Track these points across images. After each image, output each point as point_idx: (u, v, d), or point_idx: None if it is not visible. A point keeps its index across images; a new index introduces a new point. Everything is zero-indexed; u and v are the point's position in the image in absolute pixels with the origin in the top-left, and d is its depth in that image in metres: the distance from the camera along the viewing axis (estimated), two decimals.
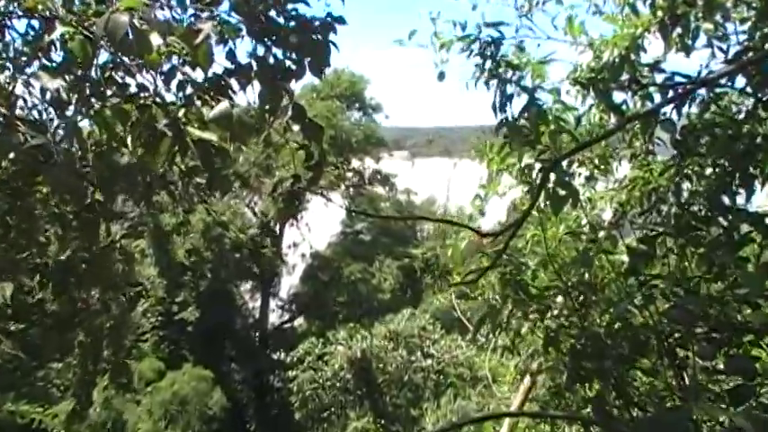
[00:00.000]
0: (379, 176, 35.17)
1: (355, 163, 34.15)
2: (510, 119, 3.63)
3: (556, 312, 4.10)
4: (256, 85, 2.52)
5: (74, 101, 2.39)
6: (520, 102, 3.76)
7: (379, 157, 34.97)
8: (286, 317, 32.13)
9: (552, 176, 3.38)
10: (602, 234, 4.09)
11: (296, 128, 2.70)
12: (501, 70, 3.79)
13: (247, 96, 2.57)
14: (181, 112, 2.40)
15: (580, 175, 4.64)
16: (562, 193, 3.37)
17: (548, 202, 3.77)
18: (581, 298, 3.96)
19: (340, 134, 29.72)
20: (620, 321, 3.53)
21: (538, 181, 3.76)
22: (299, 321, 32.26)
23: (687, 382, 3.19)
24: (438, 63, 4.24)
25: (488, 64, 3.83)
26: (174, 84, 2.58)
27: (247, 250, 27.15)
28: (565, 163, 3.87)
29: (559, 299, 4.15)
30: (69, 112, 2.37)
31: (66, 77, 2.29)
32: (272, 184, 25.37)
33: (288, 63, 2.61)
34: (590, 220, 4.42)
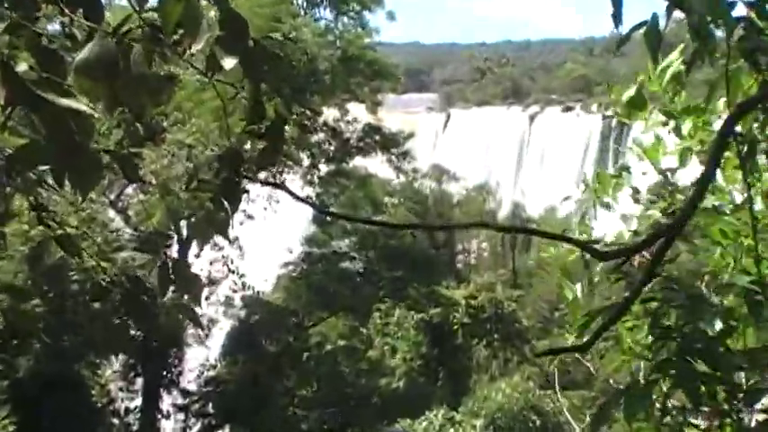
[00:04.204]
0: (377, 139, 35.07)
1: (329, 113, 34.03)
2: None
3: None
4: None
5: None
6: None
7: (376, 101, 34.87)
8: (195, 428, 32.10)
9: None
10: None
11: (228, 63, 2.69)
12: None
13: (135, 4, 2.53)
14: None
15: None
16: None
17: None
18: None
19: (294, 56, 29.49)
20: None
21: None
22: None
23: None
24: None
25: None
26: None
27: (120, 295, 26.87)
28: None
29: None
30: None
31: None
32: (158, 158, 25.39)
33: None
34: None
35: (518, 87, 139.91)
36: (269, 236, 32.99)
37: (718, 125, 4.81)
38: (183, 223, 30.41)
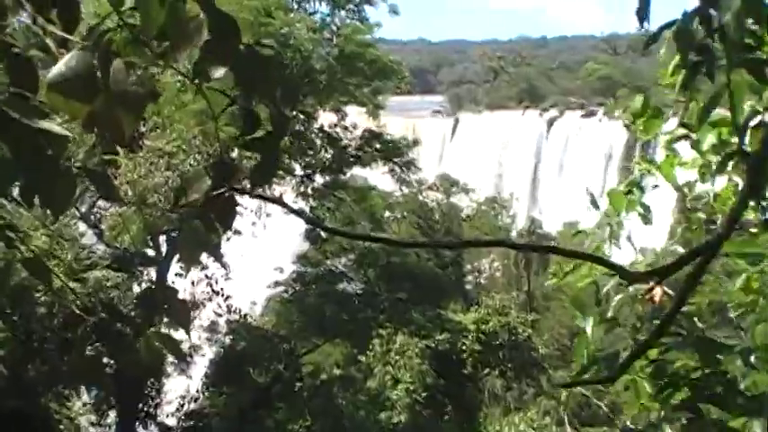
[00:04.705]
0: (378, 147, 35.07)
1: (325, 118, 34.03)
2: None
3: None
4: None
5: None
6: None
7: (377, 104, 34.89)
8: None
9: None
10: None
11: (217, 72, 2.69)
12: None
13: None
14: None
15: None
16: None
17: None
18: None
19: (286, 55, 29.54)
20: None
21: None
22: None
23: None
24: None
25: None
26: None
27: (93, 322, 26.59)
28: None
29: None
30: None
31: None
32: (134, 167, 25.41)
33: None
34: None
35: (534, 89, 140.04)
36: (258, 253, 32.96)
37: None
38: (162, 239, 30.43)
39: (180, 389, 32.45)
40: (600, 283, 5.02)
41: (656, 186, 5.34)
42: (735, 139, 4.84)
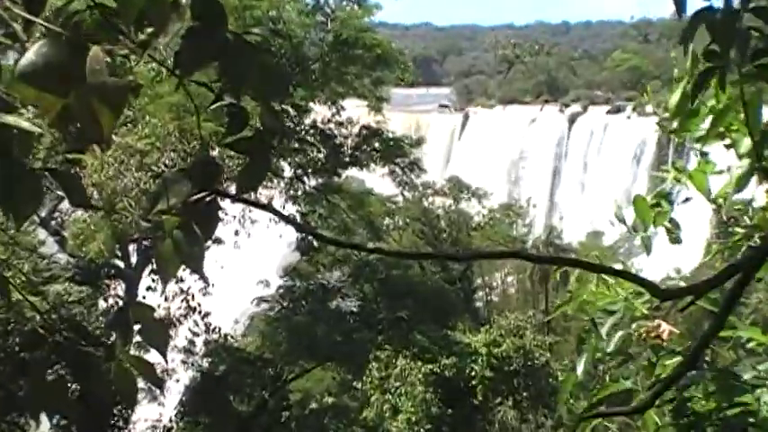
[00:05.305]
0: (377, 146, 35.03)
1: (318, 112, 33.93)
2: None
3: None
4: None
5: None
6: None
7: (378, 96, 34.88)
8: None
9: None
10: None
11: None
12: None
13: None
14: None
15: None
16: None
17: None
18: None
19: (275, 43, 29.59)
20: None
21: None
22: None
23: None
24: None
25: None
26: None
27: (54, 342, 26.44)
28: None
29: None
30: None
31: None
32: (101, 167, 25.41)
33: None
34: None
35: (554, 81, 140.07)
36: (241, 265, 32.94)
37: None
38: (132, 248, 30.40)
39: (151, 418, 32.38)
40: (598, 320, 5.07)
41: (687, 200, 5.32)
42: None
